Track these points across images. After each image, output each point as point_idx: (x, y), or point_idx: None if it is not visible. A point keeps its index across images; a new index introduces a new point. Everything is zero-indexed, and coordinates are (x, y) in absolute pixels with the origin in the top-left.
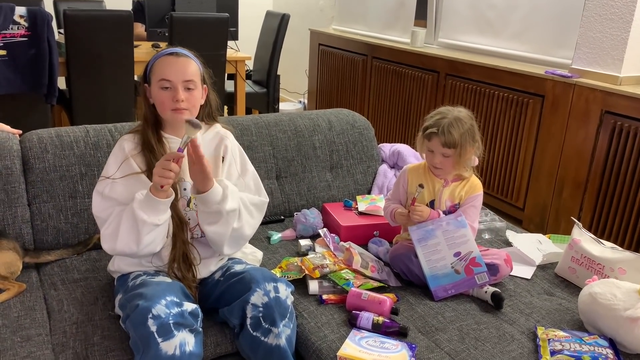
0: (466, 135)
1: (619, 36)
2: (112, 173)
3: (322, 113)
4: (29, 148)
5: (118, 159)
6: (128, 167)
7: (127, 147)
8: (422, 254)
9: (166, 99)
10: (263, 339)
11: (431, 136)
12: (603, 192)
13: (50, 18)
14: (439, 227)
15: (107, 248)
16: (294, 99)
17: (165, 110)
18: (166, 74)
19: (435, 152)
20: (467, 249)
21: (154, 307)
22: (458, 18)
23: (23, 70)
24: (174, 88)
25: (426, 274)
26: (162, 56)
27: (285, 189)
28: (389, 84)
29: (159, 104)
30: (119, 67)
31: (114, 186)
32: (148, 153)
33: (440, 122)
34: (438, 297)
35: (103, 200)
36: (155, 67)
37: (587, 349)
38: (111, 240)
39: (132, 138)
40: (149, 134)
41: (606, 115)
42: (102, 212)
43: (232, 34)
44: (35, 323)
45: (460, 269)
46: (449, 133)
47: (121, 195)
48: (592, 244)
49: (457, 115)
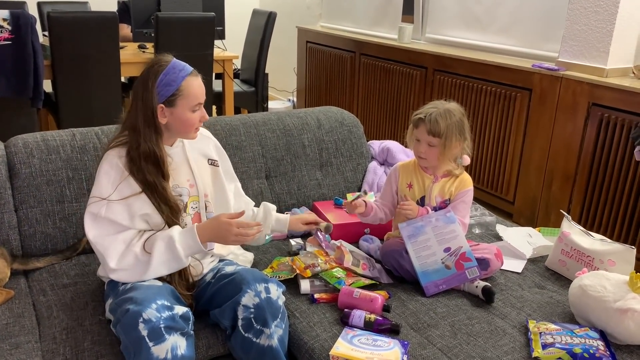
0: (453, 127)
1: (604, 29)
2: (109, 194)
3: (310, 111)
4: (14, 153)
5: (112, 177)
6: (127, 187)
7: (121, 164)
8: (412, 250)
9: (196, 120)
10: (255, 340)
11: (418, 123)
12: (592, 184)
13: (34, 21)
14: (429, 223)
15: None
16: (283, 97)
17: (191, 130)
18: (200, 98)
19: (422, 141)
20: (457, 244)
21: (144, 311)
22: (445, 13)
23: (8, 74)
24: (201, 108)
25: (417, 270)
26: (187, 76)
27: (275, 189)
28: (377, 81)
29: (186, 125)
30: (105, 68)
31: (110, 207)
32: (152, 169)
33: (429, 110)
34: (430, 293)
35: (98, 222)
36: (186, 90)
37: (578, 342)
38: (132, 274)
39: (120, 153)
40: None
41: (593, 108)
42: (99, 237)
43: (218, 33)
44: (24, 330)
45: (450, 264)
46: (436, 122)
47: (119, 217)
48: (582, 236)
49: (448, 107)
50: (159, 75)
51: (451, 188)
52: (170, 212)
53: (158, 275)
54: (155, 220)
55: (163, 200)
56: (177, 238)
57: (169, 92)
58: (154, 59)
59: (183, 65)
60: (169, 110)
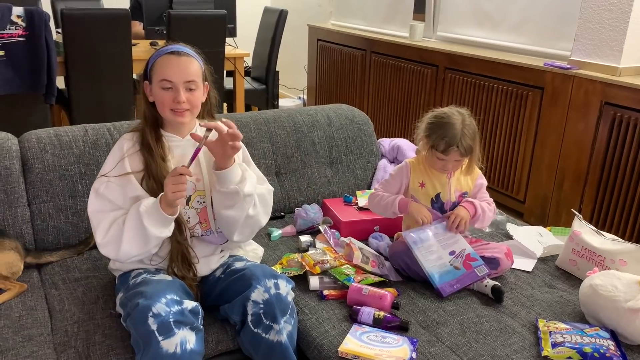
0: (475, 136)
1: (617, 27)
2: (108, 171)
3: (320, 109)
4: (28, 148)
5: (116, 157)
6: (122, 167)
7: (126, 146)
8: (420, 255)
9: (167, 100)
10: (264, 335)
11: (449, 151)
12: (604, 184)
13: (47, 17)
14: (430, 228)
15: (108, 254)
16: (293, 95)
17: (165, 110)
18: (168, 74)
19: (449, 161)
20: (460, 247)
21: (154, 305)
22: (456, 11)
23: (21, 71)
24: (175, 89)
25: (429, 273)
26: (163, 54)
27: (285, 186)
28: (387, 79)
29: (159, 104)
30: (118, 65)
31: (108, 185)
32: (146, 153)
33: (451, 133)
34: (446, 293)
35: (97, 198)
36: (156, 66)
37: (588, 341)
38: (113, 249)
39: (132, 137)
40: (147, 134)
41: (606, 107)
42: (95, 212)
43: (230, 31)
44: (36, 323)
45: (459, 265)
46: (469, 146)
47: (114, 196)
48: (593, 235)
49: (465, 121)
50: (153, 54)
51: (467, 179)
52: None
53: (135, 247)
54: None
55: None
56: (143, 203)
57: (147, 67)
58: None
59: (176, 47)
60: (149, 87)
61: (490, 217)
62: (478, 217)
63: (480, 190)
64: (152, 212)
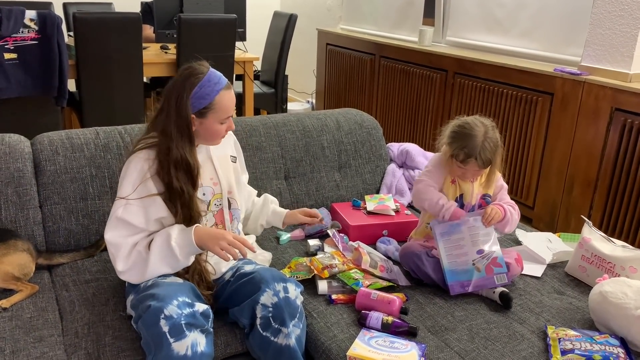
0: (497, 149)
1: (628, 33)
2: (129, 194)
3: (330, 113)
4: (40, 150)
5: (134, 179)
6: (144, 188)
7: (145, 166)
8: (443, 248)
9: (223, 131)
10: (273, 338)
11: (468, 161)
12: (613, 190)
13: (59, 21)
14: (465, 222)
15: (130, 279)
16: (302, 99)
17: (216, 140)
18: (230, 111)
19: (468, 170)
20: (490, 249)
21: (166, 307)
22: (466, 16)
23: (34, 73)
24: (229, 119)
25: (445, 268)
26: (220, 91)
27: (294, 189)
28: (397, 83)
29: (211, 134)
30: (128, 68)
31: (128, 208)
32: (184, 174)
33: (471, 144)
34: (454, 292)
35: (116, 225)
36: (218, 104)
37: (598, 348)
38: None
39: (147, 155)
40: (187, 155)
41: (616, 113)
42: (113, 239)
43: (239, 35)
44: (47, 324)
45: (481, 267)
46: (488, 159)
47: (135, 219)
48: (603, 242)
49: (488, 134)
50: (195, 87)
51: (489, 182)
52: (190, 220)
53: (159, 273)
54: (170, 223)
55: (186, 207)
56: (174, 235)
57: (202, 105)
58: (191, 67)
59: (219, 77)
60: (199, 120)
61: (516, 220)
62: (507, 221)
63: (500, 191)
64: (184, 246)
